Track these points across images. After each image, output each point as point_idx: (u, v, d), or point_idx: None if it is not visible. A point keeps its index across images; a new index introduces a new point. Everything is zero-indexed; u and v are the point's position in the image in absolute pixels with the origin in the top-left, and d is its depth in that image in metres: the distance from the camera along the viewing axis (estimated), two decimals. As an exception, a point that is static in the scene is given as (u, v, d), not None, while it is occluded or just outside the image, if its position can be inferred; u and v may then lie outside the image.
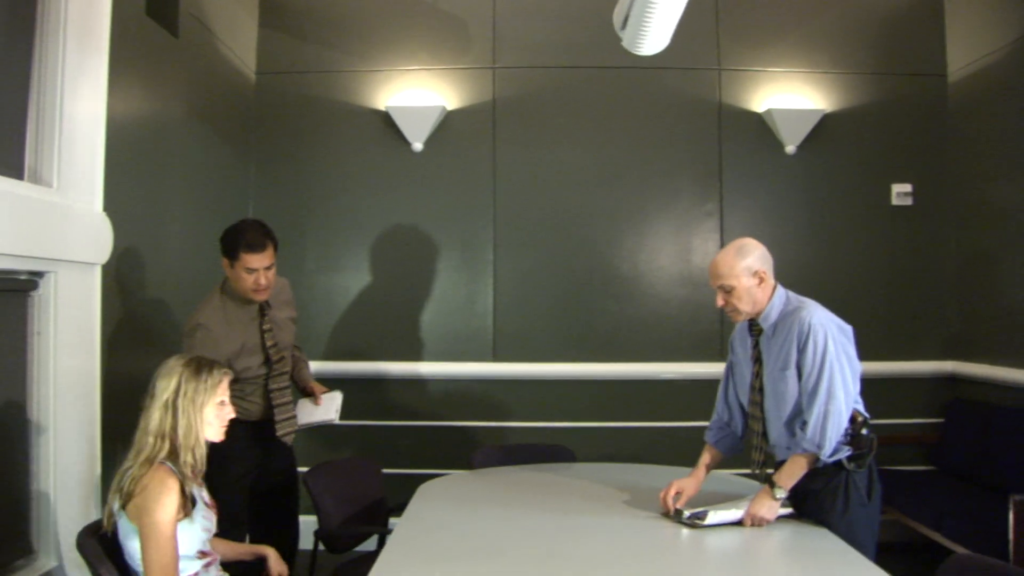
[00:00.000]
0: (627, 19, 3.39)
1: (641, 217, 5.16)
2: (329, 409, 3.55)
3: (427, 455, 4.94)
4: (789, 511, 2.78)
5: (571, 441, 4.20)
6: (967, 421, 4.78)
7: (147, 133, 3.81)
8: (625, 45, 3.59)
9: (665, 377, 5.06)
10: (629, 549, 2.60)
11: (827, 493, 2.71)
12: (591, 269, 5.14)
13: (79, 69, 3.14)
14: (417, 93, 5.16)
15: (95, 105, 3.23)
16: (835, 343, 2.67)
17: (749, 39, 5.21)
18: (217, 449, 3.16)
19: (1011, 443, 4.30)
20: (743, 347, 2.99)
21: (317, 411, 3.56)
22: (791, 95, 5.16)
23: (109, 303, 3.33)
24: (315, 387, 3.64)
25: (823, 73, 5.20)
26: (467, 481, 3.52)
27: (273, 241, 3.23)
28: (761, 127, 5.16)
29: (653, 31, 3.31)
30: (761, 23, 5.22)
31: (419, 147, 5.12)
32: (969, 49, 4.99)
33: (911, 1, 5.24)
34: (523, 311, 5.14)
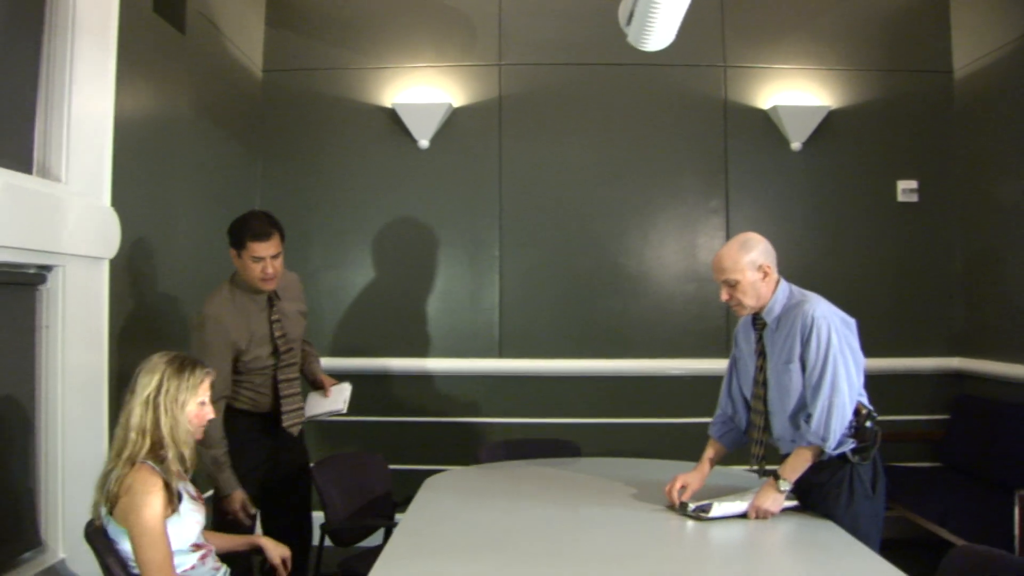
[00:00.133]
0: (632, 15, 3.41)
1: (647, 214, 5.17)
2: (337, 400, 3.56)
3: (433, 451, 4.94)
4: (794, 504, 2.78)
5: (577, 437, 4.20)
6: (973, 417, 4.77)
7: (154, 129, 3.83)
8: (630, 41, 3.61)
9: (671, 373, 5.07)
10: (634, 541, 2.60)
11: (832, 486, 2.72)
12: (597, 266, 5.15)
13: (87, 65, 3.16)
14: (423, 90, 5.17)
15: (103, 100, 3.25)
16: (838, 336, 2.67)
17: (754, 36, 5.21)
18: (229, 441, 3.21)
19: (1017, 439, 4.30)
20: (747, 341, 2.99)
21: (325, 402, 3.58)
22: (797, 92, 5.15)
23: (116, 298, 3.35)
24: (325, 379, 3.66)
25: (829, 70, 5.19)
26: (473, 475, 3.54)
27: (279, 230, 3.26)
28: (766, 124, 5.16)
29: (658, 26, 3.33)
30: (766, 20, 5.22)
31: (425, 144, 5.13)
32: (975, 46, 4.98)
33: (917, -3, 5.25)
34: (529, 307, 5.14)
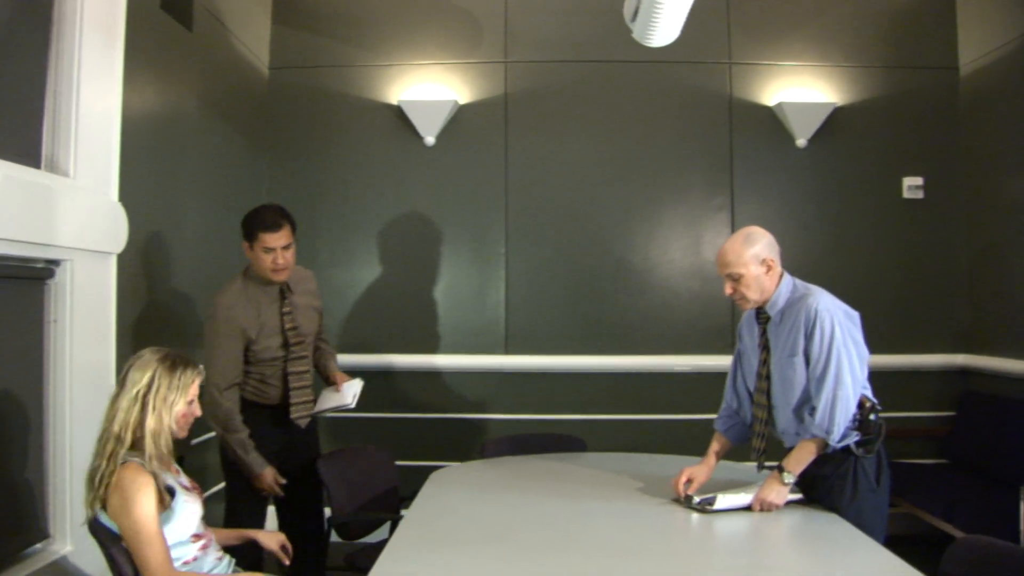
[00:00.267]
0: (637, 11, 3.41)
1: (652, 210, 5.17)
2: (347, 395, 3.58)
3: (439, 447, 4.96)
4: (799, 497, 2.79)
5: (582, 433, 4.20)
6: (979, 414, 4.77)
7: (161, 125, 3.85)
8: (635, 37, 3.61)
9: (676, 370, 5.07)
10: (638, 534, 2.61)
11: (836, 479, 2.72)
12: (602, 262, 5.15)
13: (95, 60, 3.17)
14: (429, 87, 5.19)
15: (111, 96, 3.27)
16: (842, 329, 2.68)
17: (760, 32, 5.21)
18: None
19: (1022, 436, 4.29)
20: (750, 335, 3.00)
21: (334, 397, 3.61)
22: (802, 88, 5.15)
23: (124, 292, 3.36)
24: (338, 376, 3.70)
25: (834, 66, 5.19)
26: (478, 469, 3.55)
27: (290, 222, 3.34)
28: (772, 121, 5.16)
29: (663, 22, 3.33)
30: (771, 16, 5.22)
31: (431, 141, 5.15)
32: (981, 42, 4.97)
33: (922, -6, 5.24)
34: (535, 304, 5.15)
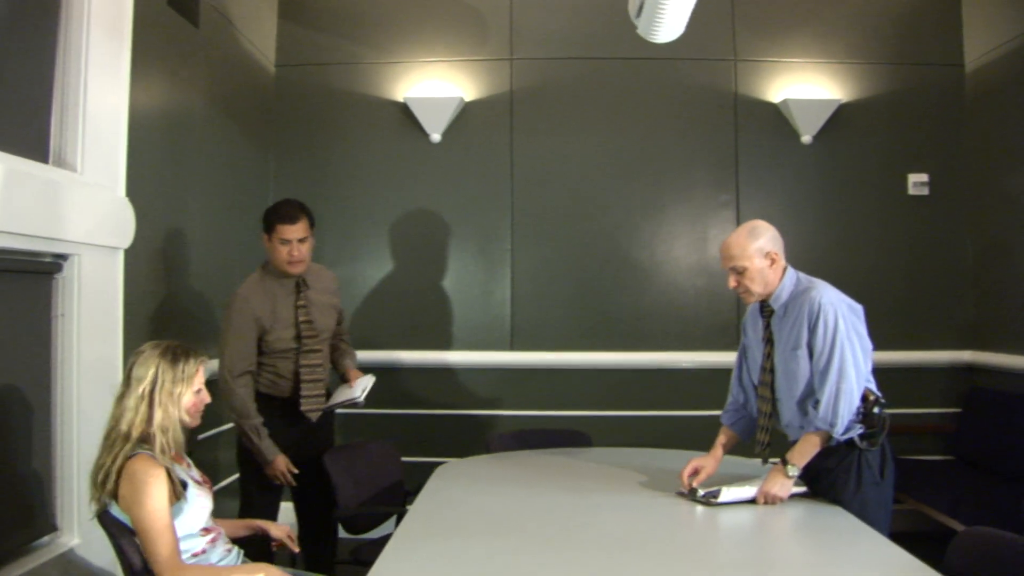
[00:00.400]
0: (642, 7, 3.42)
1: (657, 207, 5.17)
2: (356, 389, 3.59)
3: (445, 443, 4.96)
4: (803, 489, 2.79)
5: (588, 429, 4.20)
6: (985, 410, 4.76)
7: (168, 122, 3.87)
8: (640, 33, 3.61)
9: (681, 366, 5.07)
10: (643, 526, 2.62)
11: (840, 472, 2.72)
12: (608, 259, 5.16)
13: (102, 57, 3.19)
14: (435, 84, 5.20)
15: (118, 92, 3.29)
16: (845, 322, 2.68)
17: (765, 29, 5.20)
18: None
19: (1029, 432, 4.29)
20: (754, 329, 3.00)
21: (345, 391, 3.62)
22: (807, 85, 5.14)
23: (131, 287, 3.38)
24: (352, 373, 3.73)
25: (839, 63, 5.18)
26: (484, 463, 3.56)
27: (308, 216, 3.43)
28: (777, 117, 5.16)
29: (668, 18, 3.33)
30: (776, 13, 5.22)
31: (437, 138, 5.16)
32: (986, 38, 4.96)
33: (927, -9, 5.23)
34: (540, 300, 5.16)
